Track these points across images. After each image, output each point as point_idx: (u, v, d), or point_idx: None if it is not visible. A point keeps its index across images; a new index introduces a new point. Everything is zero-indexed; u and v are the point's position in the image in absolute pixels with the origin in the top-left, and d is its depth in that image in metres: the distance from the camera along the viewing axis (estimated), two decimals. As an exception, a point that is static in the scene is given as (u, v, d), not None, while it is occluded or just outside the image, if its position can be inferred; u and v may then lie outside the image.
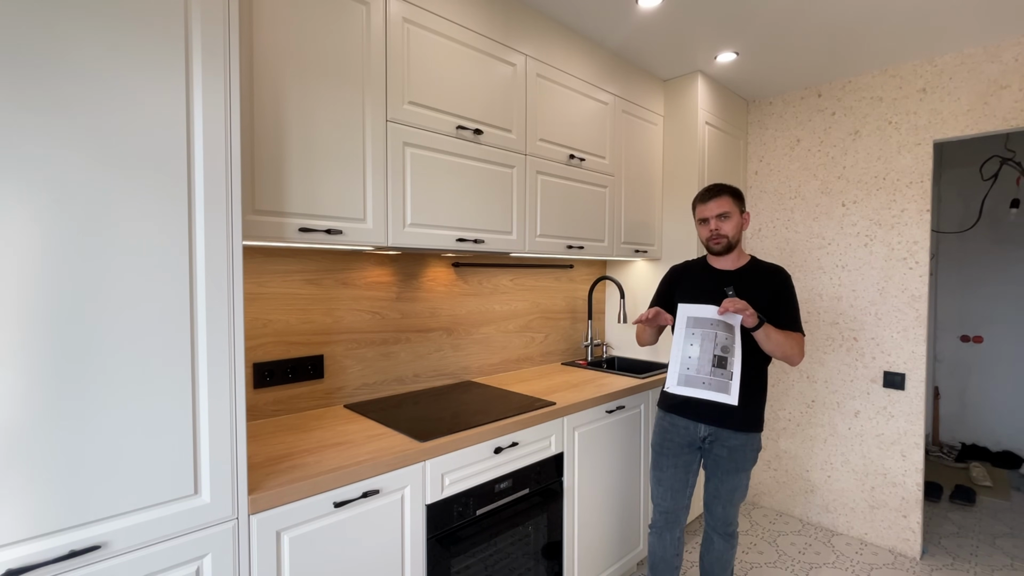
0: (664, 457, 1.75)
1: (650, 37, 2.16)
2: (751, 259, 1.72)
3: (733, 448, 1.64)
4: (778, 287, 1.63)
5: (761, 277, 1.66)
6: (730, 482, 1.67)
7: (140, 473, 0.92)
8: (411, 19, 1.55)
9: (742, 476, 1.67)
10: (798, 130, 2.74)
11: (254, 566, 1.06)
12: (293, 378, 1.63)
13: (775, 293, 1.62)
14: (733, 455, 1.65)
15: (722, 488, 1.68)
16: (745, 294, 1.62)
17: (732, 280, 1.67)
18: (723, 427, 1.64)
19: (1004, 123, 2.15)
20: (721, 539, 1.73)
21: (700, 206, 1.70)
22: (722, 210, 1.64)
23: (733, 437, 1.64)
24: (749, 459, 1.66)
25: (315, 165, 1.35)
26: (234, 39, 1.03)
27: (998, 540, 2.55)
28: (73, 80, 0.85)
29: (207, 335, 0.99)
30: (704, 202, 1.68)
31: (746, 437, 1.64)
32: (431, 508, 1.37)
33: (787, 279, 1.66)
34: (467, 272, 2.16)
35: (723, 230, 1.65)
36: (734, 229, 1.66)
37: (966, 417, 3.69)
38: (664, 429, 1.76)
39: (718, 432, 1.65)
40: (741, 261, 1.71)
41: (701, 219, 1.70)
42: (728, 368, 1.52)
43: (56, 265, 0.84)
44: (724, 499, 1.69)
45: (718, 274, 1.71)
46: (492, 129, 1.80)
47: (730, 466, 1.65)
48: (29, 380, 0.82)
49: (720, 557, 1.74)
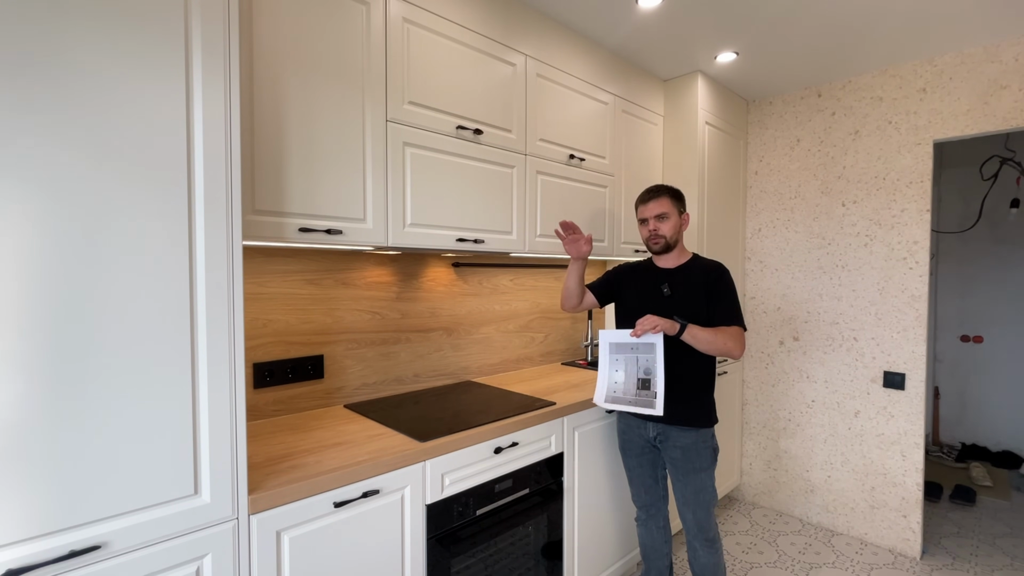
0: (629, 457, 1.84)
1: (650, 37, 2.16)
2: (692, 257, 1.78)
3: (685, 448, 1.67)
4: (713, 283, 1.68)
5: (699, 274, 1.71)
6: (692, 484, 1.68)
7: (140, 473, 0.92)
8: (411, 19, 1.55)
9: (702, 476, 1.68)
10: (798, 130, 2.74)
11: (254, 566, 1.06)
12: (293, 378, 1.63)
13: (710, 287, 1.67)
14: (687, 455, 1.67)
15: (686, 491, 1.70)
16: (682, 289, 1.69)
17: (669, 277, 1.73)
18: (670, 424, 1.69)
19: (1004, 123, 2.15)
20: (703, 547, 1.74)
21: (640, 206, 1.77)
22: (661, 211, 1.71)
23: (682, 435, 1.68)
24: (704, 457, 1.68)
25: (315, 165, 1.35)
26: (234, 39, 1.03)
27: (998, 540, 2.55)
28: (73, 79, 0.85)
29: (207, 335, 0.99)
30: (644, 203, 1.75)
31: (696, 434, 1.67)
32: (431, 508, 1.37)
33: (723, 274, 1.70)
34: (467, 272, 2.16)
35: (661, 230, 1.71)
36: (672, 229, 1.72)
37: (966, 417, 3.69)
38: (621, 431, 1.86)
39: (666, 431, 1.70)
40: (682, 259, 1.77)
41: (641, 219, 1.77)
42: (652, 388, 1.60)
43: (56, 265, 0.84)
44: (692, 503, 1.70)
45: (657, 272, 1.78)
46: (492, 129, 1.80)
47: (687, 467, 1.68)
48: (28, 380, 0.82)
49: (707, 563, 1.75)
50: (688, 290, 1.69)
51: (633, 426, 1.79)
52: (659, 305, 1.70)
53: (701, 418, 1.68)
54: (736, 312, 1.66)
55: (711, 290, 1.67)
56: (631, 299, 1.79)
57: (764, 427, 2.89)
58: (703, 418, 1.68)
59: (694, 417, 1.67)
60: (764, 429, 2.89)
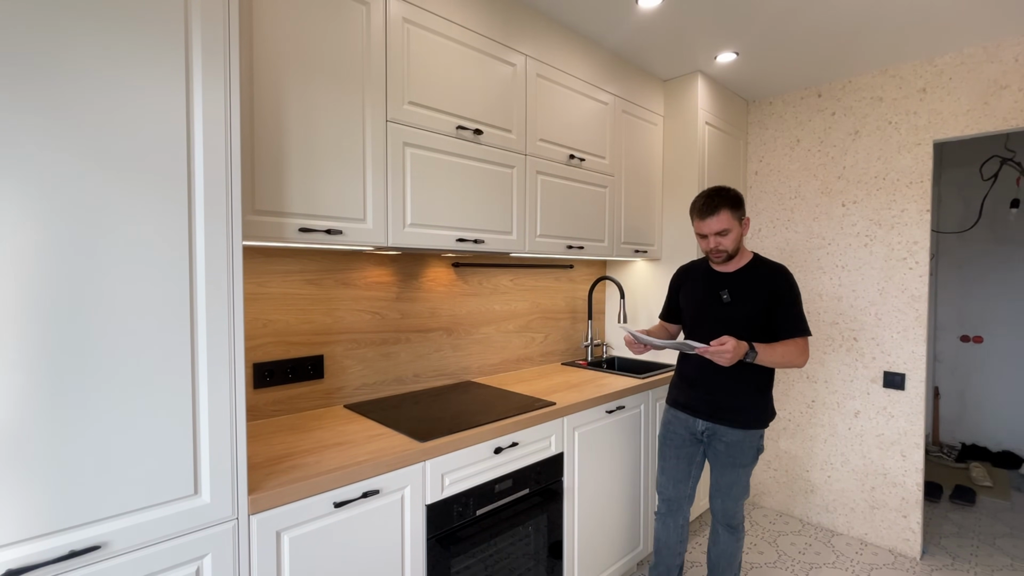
0: (667, 448, 1.84)
1: (650, 37, 2.16)
2: (753, 258, 1.70)
3: (730, 444, 1.68)
4: (778, 288, 1.61)
5: (760, 278, 1.64)
6: (728, 476, 1.71)
7: (140, 473, 0.92)
8: (411, 19, 1.55)
9: (740, 472, 1.70)
10: (798, 130, 2.74)
11: (254, 566, 1.06)
12: (293, 378, 1.63)
13: (774, 294, 1.61)
14: (730, 450, 1.69)
15: (721, 482, 1.73)
16: (742, 295, 1.63)
17: (729, 283, 1.68)
18: (720, 423, 1.69)
19: (1004, 123, 2.15)
20: (726, 531, 1.78)
21: (698, 222, 1.64)
22: (721, 227, 1.59)
23: (730, 433, 1.68)
24: (747, 456, 1.69)
25: (315, 165, 1.35)
26: (234, 39, 1.03)
27: (998, 540, 2.55)
28: (72, 80, 0.85)
29: (207, 335, 0.99)
30: (702, 219, 1.61)
31: (743, 434, 1.67)
32: (431, 508, 1.37)
33: (788, 278, 1.63)
34: (467, 272, 2.16)
35: (723, 245, 1.62)
36: (734, 242, 1.62)
37: (966, 417, 3.69)
38: (667, 422, 1.86)
39: (715, 428, 1.70)
40: (742, 261, 1.69)
41: (700, 234, 1.66)
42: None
43: (56, 265, 0.84)
44: (723, 493, 1.73)
45: (716, 276, 1.71)
46: (492, 129, 1.80)
47: (727, 460, 1.70)
48: (28, 380, 0.82)
49: (726, 550, 1.78)
50: (750, 296, 1.61)
51: (681, 419, 1.78)
52: (718, 313, 1.64)
53: (756, 420, 1.67)
54: (801, 321, 1.59)
55: (776, 297, 1.59)
56: (689, 307, 1.72)
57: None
58: (757, 420, 1.67)
59: (749, 419, 1.66)
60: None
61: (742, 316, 1.61)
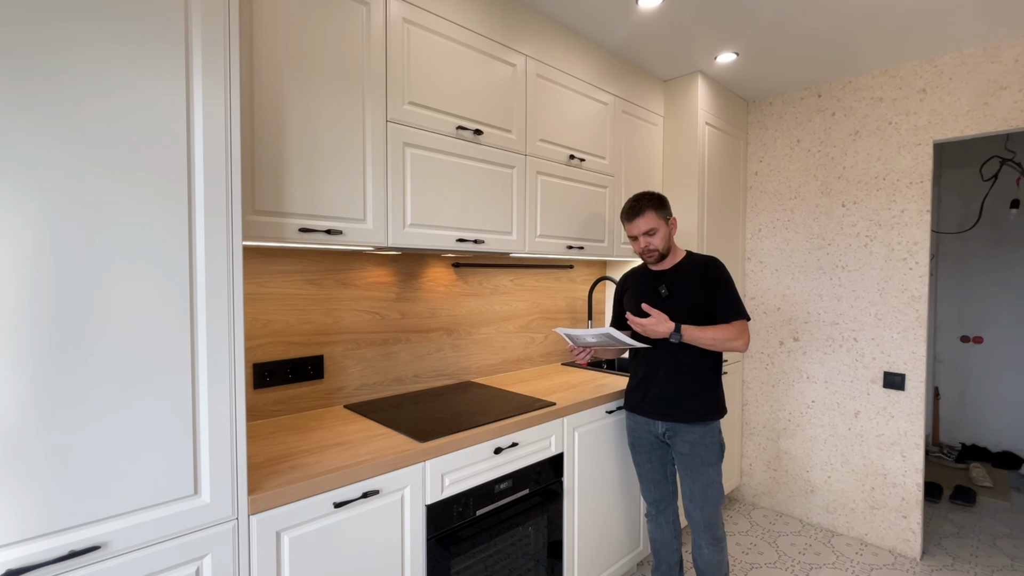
0: (638, 453, 1.86)
1: (650, 37, 2.16)
2: (685, 255, 1.80)
3: (693, 443, 1.70)
4: (710, 278, 1.70)
5: (694, 271, 1.73)
6: (701, 479, 1.71)
7: (140, 473, 0.92)
8: (411, 19, 1.55)
9: (709, 471, 1.71)
10: (798, 130, 2.74)
11: (254, 566, 1.06)
12: (293, 378, 1.63)
13: (707, 284, 1.69)
14: (695, 449, 1.70)
15: (694, 487, 1.72)
16: (679, 289, 1.71)
17: (666, 279, 1.76)
18: (678, 422, 1.71)
19: (1004, 123, 2.15)
20: (708, 544, 1.76)
21: (627, 224, 1.76)
22: (648, 227, 1.71)
23: (690, 431, 1.70)
24: (712, 452, 1.71)
25: (315, 165, 1.35)
26: (234, 39, 1.03)
27: (998, 541, 2.55)
28: (72, 80, 0.85)
29: (207, 335, 0.99)
30: (630, 220, 1.74)
31: (703, 429, 1.70)
32: (431, 508, 1.37)
33: (718, 268, 1.72)
34: (467, 272, 2.16)
35: (653, 244, 1.73)
36: (663, 240, 1.73)
37: (966, 417, 3.69)
38: (631, 428, 1.88)
39: (675, 427, 1.73)
40: (676, 259, 1.79)
41: (631, 236, 1.77)
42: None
43: (56, 264, 0.84)
44: (699, 499, 1.72)
45: (654, 275, 1.80)
46: (492, 129, 1.80)
47: (694, 461, 1.71)
48: (28, 380, 0.82)
49: (711, 561, 1.77)
50: (686, 289, 1.71)
51: (641, 423, 1.82)
52: (658, 307, 1.71)
53: (708, 412, 1.70)
54: (737, 304, 1.68)
55: (709, 286, 1.68)
56: (632, 307, 1.80)
57: (764, 427, 2.89)
58: (710, 411, 1.71)
59: (703, 411, 1.70)
60: (764, 430, 2.89)
61: (682, 309, 1.69)
